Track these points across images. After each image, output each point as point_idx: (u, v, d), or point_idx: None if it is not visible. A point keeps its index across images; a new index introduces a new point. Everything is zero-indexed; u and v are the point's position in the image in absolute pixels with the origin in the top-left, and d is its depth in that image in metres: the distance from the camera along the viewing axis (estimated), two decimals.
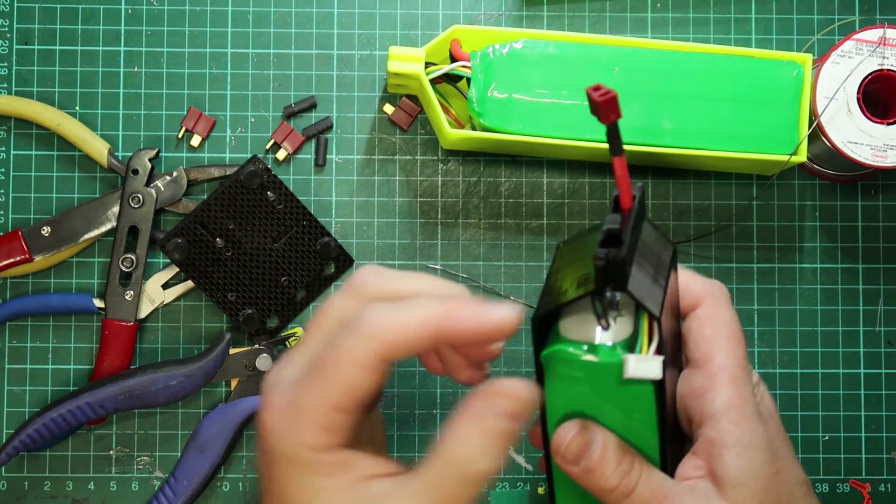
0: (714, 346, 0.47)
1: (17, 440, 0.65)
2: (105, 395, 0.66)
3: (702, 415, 0.46)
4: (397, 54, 0.65)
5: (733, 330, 0.48)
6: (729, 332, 0.48)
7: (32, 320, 0.70)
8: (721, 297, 0.49)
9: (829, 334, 0.71)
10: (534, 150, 0.69)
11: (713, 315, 0.48)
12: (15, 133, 0.71)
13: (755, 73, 0.66)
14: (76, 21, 0.71)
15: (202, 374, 0.67)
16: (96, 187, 0.71)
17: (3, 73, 0.71)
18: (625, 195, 0.42)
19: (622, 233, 0.42)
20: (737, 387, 0.46)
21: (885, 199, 0.72)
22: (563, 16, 0.72)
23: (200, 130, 0.70)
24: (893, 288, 0.72)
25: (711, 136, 0.66)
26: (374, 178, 0.71)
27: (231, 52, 0.71)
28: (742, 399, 0.46)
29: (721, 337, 0.47)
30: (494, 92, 0.65)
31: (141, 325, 0.70)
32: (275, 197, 0.68)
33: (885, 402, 0.71)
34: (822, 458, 0.71)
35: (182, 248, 0.67)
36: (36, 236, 0.68)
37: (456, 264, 0.71)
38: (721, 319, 0.48)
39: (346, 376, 0.40)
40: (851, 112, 0.65)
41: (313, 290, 0.70)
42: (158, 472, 0.70)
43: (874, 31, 0.65)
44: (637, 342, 0.43)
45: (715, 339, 0.47)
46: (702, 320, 0.48)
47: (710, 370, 0.46)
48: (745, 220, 0.72)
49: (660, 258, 0.46)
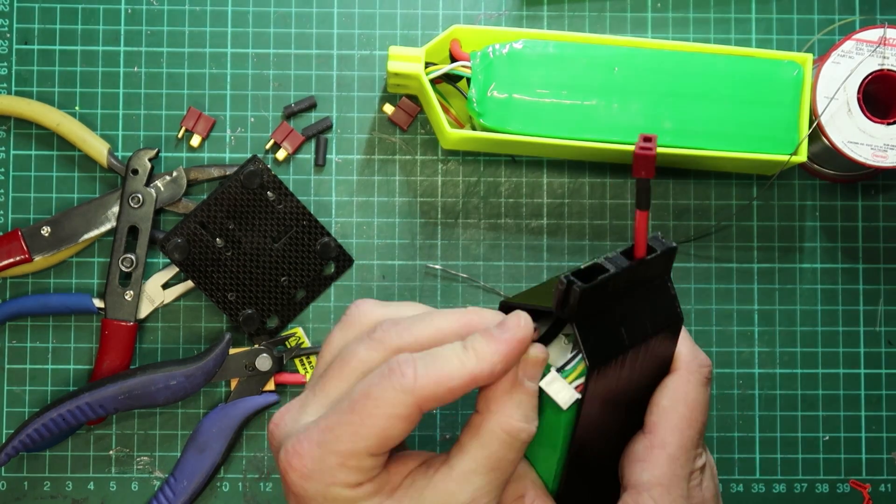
0: (664, 419, 0.46)
1: (17, 440, 0.65)
2: (105, 395, 0.66)
3: (629, 481, 0.46)
4: (397, 54, 0.65)
5: (691, 409, 0.47)
6: (685, 410, 0.47)
7: (32, 320, 0.70)
8: (695, 374, 0.48)
9: (829, 334, 0.71)
10: (534, 150, 0.69)
11: (677, 388, 0.47)
12: (15, 133, 0.71)
13: (755, 73, 0.66)
14: (76, 21, 0.71)
15: (202, 374, 0.67)
16: (96, 187, 0.71)
17: (3, 73, 0.71)
18: (639, 247, 0.43)
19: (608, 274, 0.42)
20: (671, 467, 0.45)
21: (885, 199, 0.72)
22: (563, 16, 0.72)
23: (200, 130, 0.70)
24: (893, 288, 0.72)
25: (711, 136, 0.66)
26: (374, 178, 0.71)
27: (231, 52, 0.71)
28: (671, 480, 0.45)
29: (675, 412, 0.46)
30: (494, 92, 0.65)
31: (141, 325, 0.70)
32: (275, 197, 0.68)
33: (885, 402, 0.71)
34: (822, 458, 0.71)
35: (182, 248, 0.67)
36: (36, 236, 0.68)
37: (456, 264, 0.71)
38: (682, 395, 0.47)
39: (382, 427, 0.41)
40: (851, 112, 0.65)
41: (313, 290, 0.70)
42: (158, 472, 0.70)
43: (874, 31, 0.65)
44: (570, 369, 0.44)
45: (668, 412, 0.47)
46: (664, 389, 0.47)
47: (651, 441, 0.46)
48: (745, 220, 0.72)
49: (653, 318, 0.45)
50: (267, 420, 0.70)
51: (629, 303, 0.44)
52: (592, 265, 0.43)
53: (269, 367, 0.69)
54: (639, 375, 0.46)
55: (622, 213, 0.71)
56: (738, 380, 0.71)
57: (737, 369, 0.71)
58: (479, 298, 0.71)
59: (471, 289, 0.71)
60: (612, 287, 0.43)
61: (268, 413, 0.70)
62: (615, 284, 0.43)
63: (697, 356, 0.48)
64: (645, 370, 0.46)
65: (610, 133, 0.65)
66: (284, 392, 0.70)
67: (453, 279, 0.71)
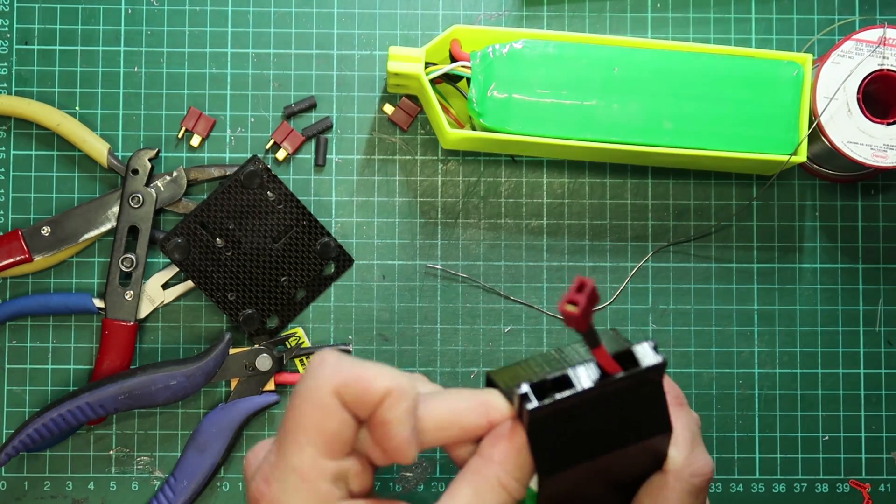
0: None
1: (17, 440, 0.65)
2: (105, 395, 0.66)
3: None
4: (397, 54, 0.65)
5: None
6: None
7: (32, 320, 0.70)
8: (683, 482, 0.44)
9: (829, 334, 0.71)
10: (534, 150, 0.69)
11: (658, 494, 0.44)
12: (15, 133, 0.71)
13: (755, 73, 0.66)
14: (76, 21, 0.71)
15: (202, 374, 0.67)
16: (96, 187, 0.71)
17: (3, 73, 0.71)
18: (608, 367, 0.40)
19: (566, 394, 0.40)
20: None
21: (885, 199, 0.72)
22: (563, 16, 0.72)
23: (200, 130, 0.70)
24: (893, 288, 0.72)
25: (711, 136, 0.66)
26: (374, 178, 0.71)
27: (231, 52, 0.71)
28: None
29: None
30: (494, 92, 0.65)
31: (141, 325, 0.70)
32: (275, 197, 0.68)
33: (885, 402, 0.71)
34: (822, 458, 0.71)
35: (182, 248, 0.67)
36: (36, 236, 0.68)
37: (456, 264, 0.71)
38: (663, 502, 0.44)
39: (315, 422, 0.39)
40: (851, 112, 0.65)
41: (313, 290, 0.70)
42: (158, 472, 0.70)
43: (874, 31, 0.65)
44: None
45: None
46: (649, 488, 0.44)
47: None
48: (745, 220, 0.72)
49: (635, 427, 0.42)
50: (267, 423, 0.70)
51: (606, 413, 0.41)
52: (561, 376, 0.40)
53: (270, 367, 0.69)
54: (627, 470, 0.44)
55: (622, 213, 0.71)
56: (738, 380, 0.71)
57: (737, 369, 0.71)
58: (478, 298, 0.71)
59: (471, 289, 0.71)
60: (580, 402, 0.40)
61: (267, 413, 0.70)
62: (583, 400, 0.40)
63: (693, 463, 0.44)
64: (633, 466, 0.44)
65: (610, 133, 0.65)
66: (284, 392, 0.70)
67: (453, 279, 0.71)
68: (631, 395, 0.41)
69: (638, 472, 0.44)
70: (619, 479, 0.44)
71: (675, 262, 0.71)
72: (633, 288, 0.71)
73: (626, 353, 0.41)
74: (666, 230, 0.71)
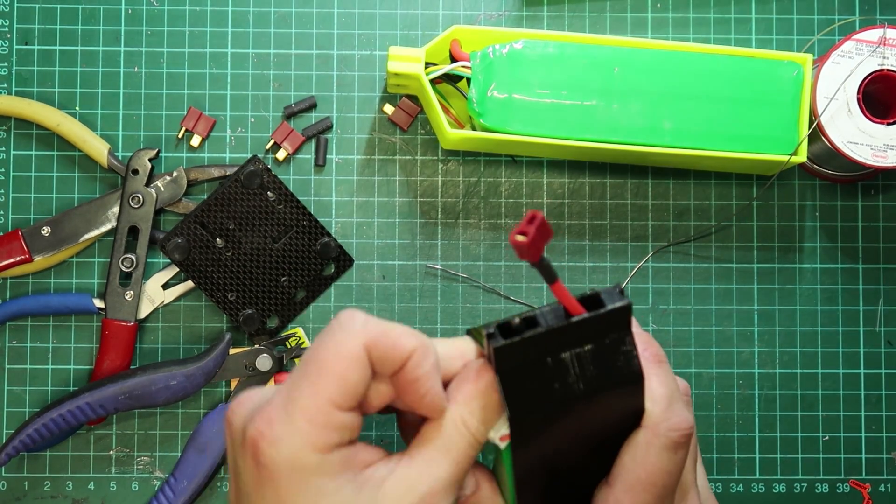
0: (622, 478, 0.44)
1: (17, 440, 0.65)
2: (105, 395, 0.66)
3: None
4: (397, 54, 0.65)
5: (649, 473, 0.44)
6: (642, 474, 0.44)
7: (32, 320, 0.70)
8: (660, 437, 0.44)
9: (829, 334, 0.71)
10: (534, 150, 0.69)
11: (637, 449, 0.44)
12: (15, 133, 0.71)
13: (755, 73, 0.66)
14: (76, 21, 0.71)
15: (202, 374, 0.67)
16: (96, 187, 0.71)
17: (3, 73, 0.71)
18: (571, 308, 0.41)
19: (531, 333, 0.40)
20: None
21: (885, 199, 0.72)
22: (563, 16, 0.72)
23: (200, 130, 0.70)
24: (893, 288, 0.72)
25: (711, 136, 0.66)
26: (374, 178, 0.71)
27: (231, 52, 0.71)
28: None
29: (632, 473, 0.44)
30: (494, 92, 0.65)
31: (141, 325, 0.70)
32: (275, 197, 0.68)
33: (885, 402, 0.71)
34: (822, 458, 0.71)
35: (182, 248, 0.67)
36: (36, 236, 0.68)
37: (456, 264, 0.71)
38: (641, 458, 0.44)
39: (339, 372, 0.41)
40: (851, 112, 0.65)
41: (313, 290, 0.70)
42: (158, 472, 0.70)
43: (874, 31, 0.65)
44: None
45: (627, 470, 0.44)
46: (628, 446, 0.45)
47: (607, 495, 0.45)
48: (745, 220, 0.72)
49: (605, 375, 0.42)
50: None
51: (574, 356, 0.42)
52: (530, 316, 0.41)
53: (270, 367, 0.69)
54: (599, 426, 0.44)
55: (622, 213, 0.71)
56: (738, 380, 0.71)
57: (737, 369, 0.71)
58: (479, 298, 0.71)
59: (471, 289, 0.71)
60: (546, 342, 0.41)
61: None
62: (549, 340, 0.41)
63: (670, 418, 0.44)
64: (606, 422, 0.44)
65: (610, 133, 0.65)
66: None
67: (453, 279, 0.71)
68: (600, 341, 0.42)
69: (617, 434, 0.45)
70: (598, 441, 0.44)
71: (675, 263, 0.71)
72: (634, 288, 0.71)
73: (594, 298, 0.42)
74: (666, 230, 0.71)
